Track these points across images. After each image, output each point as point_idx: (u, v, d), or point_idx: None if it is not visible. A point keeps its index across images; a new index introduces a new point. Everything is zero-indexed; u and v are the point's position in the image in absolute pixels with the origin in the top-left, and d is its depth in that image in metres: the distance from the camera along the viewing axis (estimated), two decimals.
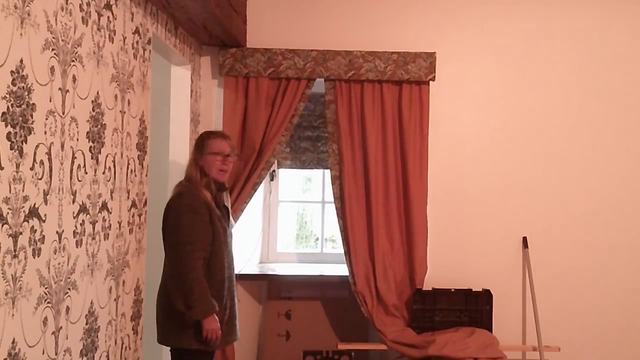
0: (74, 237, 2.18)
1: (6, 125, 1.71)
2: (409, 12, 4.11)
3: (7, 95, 1.72)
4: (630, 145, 4.15)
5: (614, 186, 4.14)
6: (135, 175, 2.88)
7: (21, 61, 1.78)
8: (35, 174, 1.89)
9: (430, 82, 3.97)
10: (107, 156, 2.49)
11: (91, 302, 2.36)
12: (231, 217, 3.07)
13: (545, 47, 4.13)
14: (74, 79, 2.15)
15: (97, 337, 2.43)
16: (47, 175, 1.97)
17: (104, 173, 2.46)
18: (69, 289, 2.15)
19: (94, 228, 2.37)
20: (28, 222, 1.85)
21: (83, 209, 2.26)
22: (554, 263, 4.11)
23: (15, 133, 1.76)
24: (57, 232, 2.04)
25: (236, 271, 3.73)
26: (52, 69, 1.98)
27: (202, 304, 2.77)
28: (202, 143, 3.00)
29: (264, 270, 4.29)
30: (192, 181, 2.93)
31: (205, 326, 2.78)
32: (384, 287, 3.92)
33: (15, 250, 1.77)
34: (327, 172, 4.27)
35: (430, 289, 3.94)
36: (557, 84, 4.14)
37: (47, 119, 1.95)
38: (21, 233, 1.81)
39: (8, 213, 1.73)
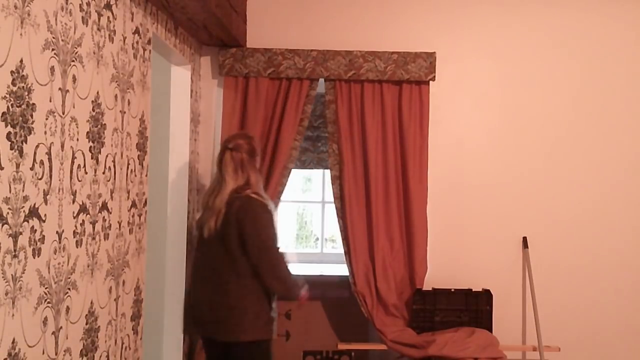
0: (74, 237, 2.18)
1: (6, 125, 1.71)
2: (409, 12, 4.11)
3: (7, 95, 1.71)
4: (630, 146, 4.15)
5: (614, 186, 4.14)
6: (135, 175, 2.88)
7: (21, 61, 1.78)
8: (35, 174, 1.89)
9: (430, 82, 3.97)
10: (107, 156, 2.49)
11: (91, 302, 2.36)
12: None
13: (545, 46, 4.13)
14: (74, 79, 2.15)
15: (97, 337, 2.43)
16: (47, 175, 1.97)
17: (104, 173, 2.46)
18: (69, 289, 2.15)
19: (94, 228, 2.37)
20: (28, 222, 1.84)
21: (83, 209, 2.25)
22: (554, 263, 4.11)
23: (15, 133, 1.76)
24: (57, 232, 2.04)
25: None
26: (52, 69, 1.98)
27: (297, 284, 3.14)
28: (255, 146, 3.18)
29: None
30: (254, 185, 3.08)
31: (304, 295, 3.20)
32: (384, 287, 3.92)
33: (15, 250, 1.77)
34: (327, 172, 4.27)
35: (430, 289, 3.94)
36: (557, 83, 4.14)
37: (47, 119, 1.95)
38: (21, 233, 1.81)
39: (8, 213, 1.73)
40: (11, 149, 1.74)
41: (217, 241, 3.02)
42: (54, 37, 1.99)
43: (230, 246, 3.00)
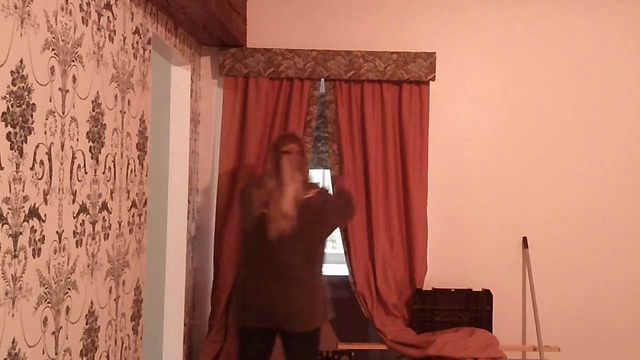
0: (74, 237, 2.18)
1: (6, 125, 1.71)
2: (409, 12, 4.11)
3: (7, 95, 1.71)
4: (629, 145, 4.15)
5: (613, 186, 4.14)
6: (135, 175, 2.88)
7: (21, 61, 1.78)
8: (35, 174, 1.89)
9: (430, 82, 3.96)
10: (107, 156, 2.49)
11: (91, 302, 2.36)
12: None
13: (545, 46, 4.13)
14: (74, 79, 2.15)
15: (97, 337, 2.44)
16: (47, 175, 1.97)
17: (104, 173, 2.46)
18: (69, 289, 2.15)
19: (94, 228, 2.37)
20: (28, 222, 1.85)
21: (83, 209, 2.25)
22: (554, 263, 4.11)
23: (15, 133, 1.76)
24: (57, 232, 2.04)
25: None
26: (52, 69, 1.98)
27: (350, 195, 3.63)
28: (304, 146, 3.40)
29: None
30: (308, 179, 3.43)
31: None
32: (384, 287, 3.92)
33: (15, 250, 1.77)
34: (327, 172, 4.27)
35: (430, 289, 3.94)
36: (556, 83, 4.14)
37: (47, 119, 1.95)
38: (21, 233, 1.81)
39: (8, 213, 1.73)
40: (11, 149, 1.74)
41: (292, 240, 3.14)
42: (54, 37, 1.99)
43: (311, 240, 3.21)
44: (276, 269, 3.18)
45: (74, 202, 2.17)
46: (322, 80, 3.97)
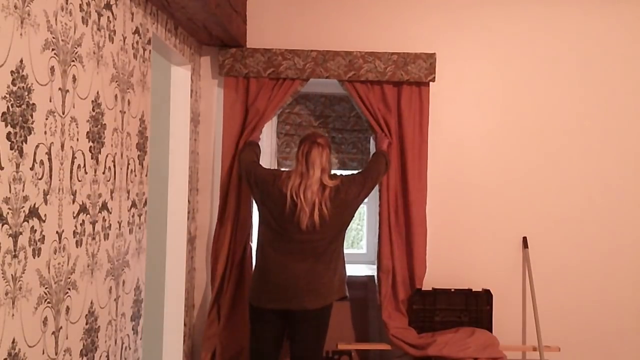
0: (74, 237, 2.18)
1: (6, 125, 1.71)
2: (409, 13, 4.11)
3: (7, 95, 1.72)
4: (630, 145, 4.15)
5: (614, 186, 4.14)
6: (135, 175, 2.88)
7: (21, 61, 1.78)
8: (35, 174, 1.89)
9: (430, 83, 3.96)
10: (107, 156, 2.49)
11: (91, 302, 2.36)
12: None
13: (545, 47, 4.13)
14: (74, 79, 2.15)
15: (97, 337, 2.44)
16: (47, 175, 1.97)
17: (104, 173, 2.46)
18: (69, 289, 2.15)
19: (94, 228, 2.37)
20: (28, 222, 1.85)
21: (83, 209, 2.26)
22: (554, 263, 4.11)
23: (15, 133, 1.76)
24: (57, 232, 2.04)
25: None
26: (52, 69, 1.98)
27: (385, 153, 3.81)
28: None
29: None
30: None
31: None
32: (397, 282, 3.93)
33: (15, 250, 1.77)
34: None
35: (430, 289, 3.94)
36: (556, 84, 4.14)
37: (47, 119, 1.95)
38: (21, 233, 1.81)
39: (8, 213, 1.73)
40: (11, 149, 1.74)
41: (324, 228, 3.27)
42: (54, 37, 1.99)
43: (338, 224, 3.34)
44: (303, 252, 3.30)
45: (74, 202, 2.17)
46: (323, 80, 3.97)
